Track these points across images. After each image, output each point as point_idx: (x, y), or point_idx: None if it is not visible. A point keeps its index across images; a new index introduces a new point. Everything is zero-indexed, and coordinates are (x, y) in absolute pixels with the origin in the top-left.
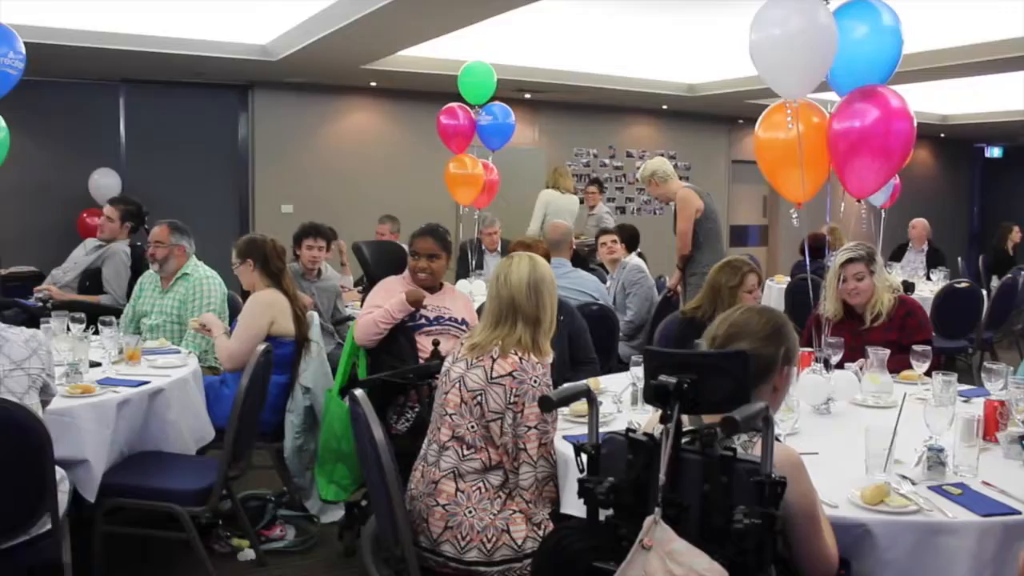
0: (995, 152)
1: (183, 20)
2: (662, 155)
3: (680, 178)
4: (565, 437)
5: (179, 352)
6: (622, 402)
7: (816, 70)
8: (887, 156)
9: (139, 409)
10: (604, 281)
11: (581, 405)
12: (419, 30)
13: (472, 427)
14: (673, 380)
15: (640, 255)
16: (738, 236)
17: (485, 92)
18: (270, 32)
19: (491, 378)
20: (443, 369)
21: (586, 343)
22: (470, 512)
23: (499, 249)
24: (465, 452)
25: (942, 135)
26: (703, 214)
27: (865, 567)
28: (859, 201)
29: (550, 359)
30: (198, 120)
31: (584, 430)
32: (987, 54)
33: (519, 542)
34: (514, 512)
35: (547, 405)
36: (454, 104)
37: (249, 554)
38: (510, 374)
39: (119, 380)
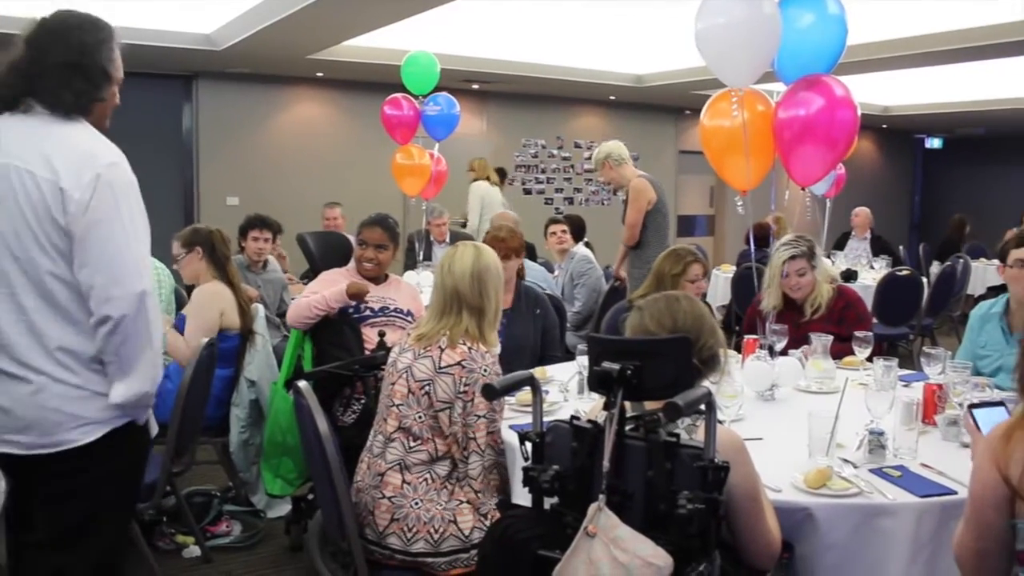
0: (935, 143)
1: (124, 8)
2: None
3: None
4: (512, 426)
5: None
6: (568, 391)
7: (761, 59)
8: (831, 145)
9: None
10: (551, 271)
11: (528, 395)
12: (364, 20)
13: (420, 417)
14: (616, 367)
15: (587, 245)
16: (685, 226)
17: (429, 82)
18: (214, 21)
19: (440, 368)
20: (390, 360)
21: (555, 337)
22: (416, 503)
23: (447, 240)
24: (411, 444)
25: (884, 126)
26: (654, 206)
27: (808, 550)
28: (804, 189)
29: (497, 350)
30: (140, 111)
31: (530, 419)
32: (927, 46)
33: (466, 532)
34: (461, 503)
35: (490, 393)
36: (398, 94)
37: (194, 551)
38: (459, 363)
39: None
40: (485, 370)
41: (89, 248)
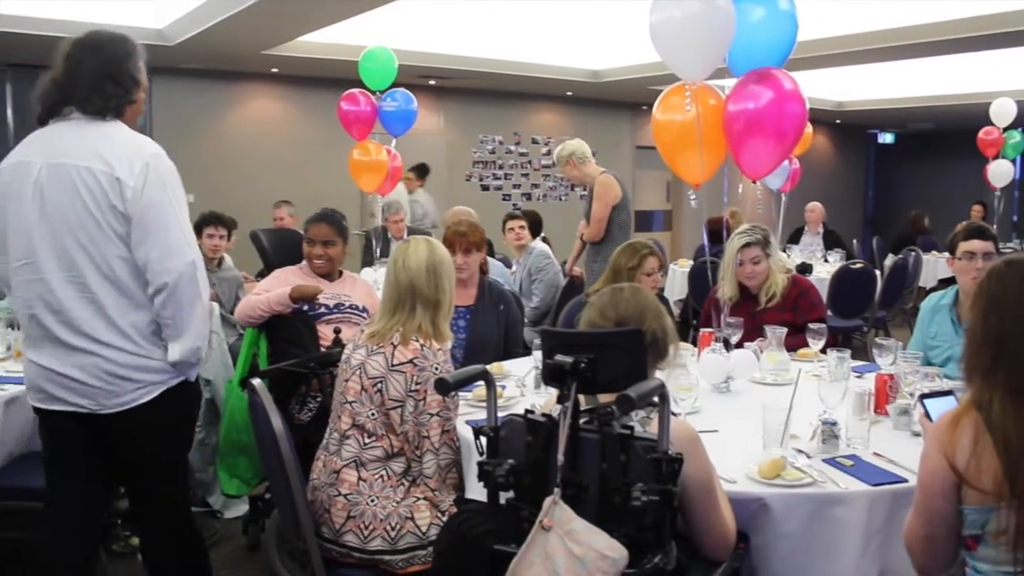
0: (887, 138)
1: (73, 2)
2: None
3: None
4: (468, 422)
5: None
6: (525, 385)
7: (715, 52)
8: (781, 138)
9: (28, 408)
10: (509, 266)
11: (484, 390)
12: (319, 15)
13: (372, 415)
14: (569, 360)
15: (545, 240)
16: (643, 221)
17: (386, 78)
18: (166, 16)
19: (392, 365)
20: (343, 357)
21: (519, 333)
22: (373, 501)
23: (404, 236)
24: (366, 440)
25: (838, 121)
26: (620, 202)
27: (763, 540)
28: (755, 183)
29: (449, 344)
30: None
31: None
32: (879, 42)
33: (423, 529)
34: (418, 499)
35: (443, 388)
36: (355, 90)
37: None
38: (411, 361)
39: (6, 378)
40: (436, 368)
41: (146, 227)
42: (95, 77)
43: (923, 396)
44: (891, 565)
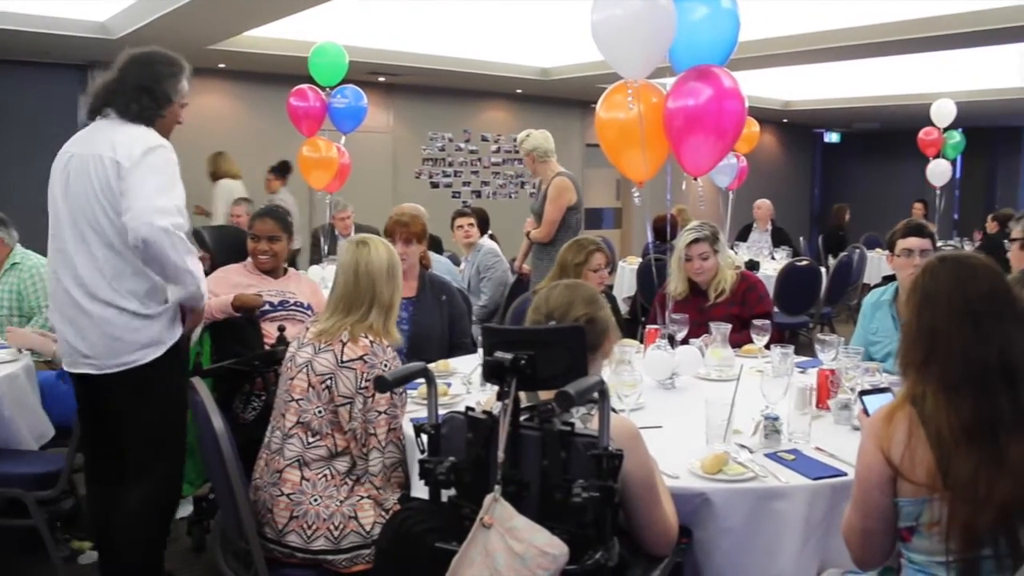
0: (833, 137)
1: None
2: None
3: None
4: (412, 420)
5: (7, 347)
6: (471, 383)
7: (656, 50)
8: (721, 134)
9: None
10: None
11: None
12: (265, 10)
13: (319, 412)
14: (509, 356)
15: (492, 237)
16: (592, 219)
17: (336, 74)
18: (108, 8)
19: (342, 362)
20: (288, 354)
21: (465, 327)
22: (316, 500)
23: (352, 234)
24: (310, 439)
25: (785, 120)
26: (573, 204)
27: (705, 534)
28: (695, 180)
29: (398, 343)
30: (34, 101)
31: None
32: (824, 42)
33: (367, 528)
34: (362, 498)
35: (383, 385)
36: (304, 86)
37: (92, 556)
38: (361, 358)
39: None
40: (386, 365)
41: (126, 194)
42: (135, 88)
43: (862, 393)
44: (831, 557)
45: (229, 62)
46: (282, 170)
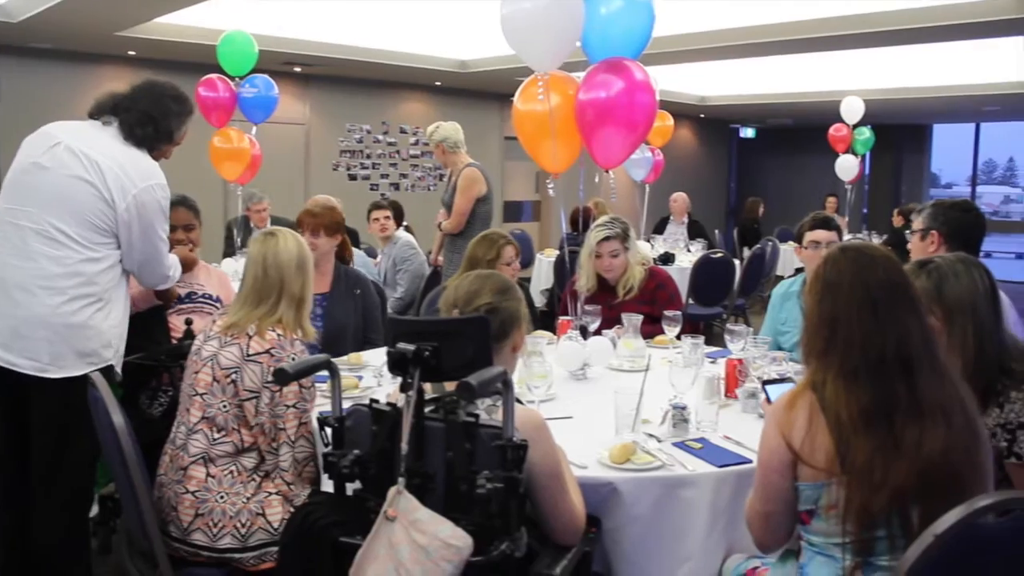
0: (749, 132)
1: None
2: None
3: None
4: (321, 413)
5: None
6: (383, 375)
7: (564, 43)
8: (632, 127)
9: None
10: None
11: (345, 380)
12: None
13: (224, 407)
14: (412, 347)
15: (408, 229)
16: (512, 212)
17: (246, 63)
18: None
19: (247, 355)
20: (193, 348)
21: (377, 319)
22: (222, 497)
23: (268, 226)
24: (216, 435)
25: (702, 115)
26: (483, 196)
27: (614, 523)
28: (608, 172)
29: (312, 337)
30: None
31: (346, 405)
32: (739, 39)
33: (276, 525)
34: (270, 494)
35: (283, 378)
36: (213, 75)
37: None
38: (268, 351)
39: None
40: (292, 358)
41: (132, 242)
42: (142, 114)
43: (765, 383)
44: (737, 542)
45: (138, 49)
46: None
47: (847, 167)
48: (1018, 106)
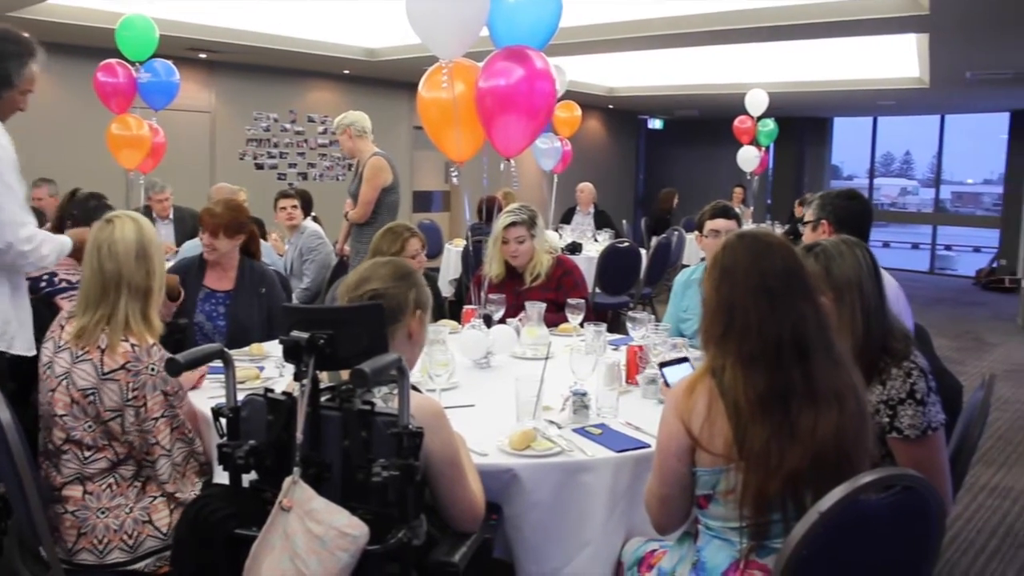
0: (657, 124)
1: None
2: None
3: None
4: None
5: None
6: (285, 366)
7: (468, 30)
8: (532, 115)
9: None
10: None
11: (246, 371)
12: None
13: (89, 427)
14: (305, 335)
15: (316, 219)
16: (421, 202)
17: (146, 48)
18: None
19: (103, 374)
20: (44, 360)
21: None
22: (103, 513)
23: (171, 216)
24: (86, 454)
25: (610, 106)
26: (389, 185)
27: (515, 510)
28: (509, 160)
29: (160, 332)
30: None
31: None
32: (646, 30)
33: (164, 530)
34: (155, 498)
35: (174, 368)
36: (112, 60)
37: None
38: (123, 367)
39: None
40: (153, 368)
41: None
42: None
43: (662, 364)
44: (637, 526)
45: (32, 31)
46: None
47: (748, 158)
48: (911, 101)
